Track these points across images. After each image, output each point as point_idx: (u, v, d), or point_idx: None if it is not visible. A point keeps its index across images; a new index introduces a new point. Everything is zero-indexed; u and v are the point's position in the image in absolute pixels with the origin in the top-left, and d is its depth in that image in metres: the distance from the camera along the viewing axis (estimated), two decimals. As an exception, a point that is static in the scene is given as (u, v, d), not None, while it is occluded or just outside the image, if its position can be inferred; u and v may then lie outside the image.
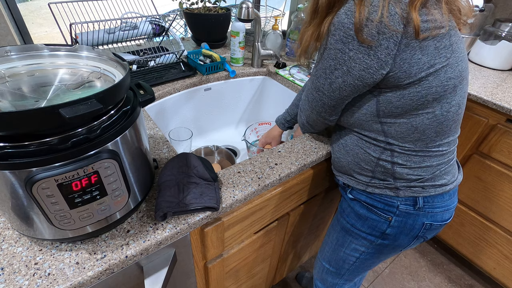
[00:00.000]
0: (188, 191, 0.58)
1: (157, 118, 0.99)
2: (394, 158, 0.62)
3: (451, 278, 1.45)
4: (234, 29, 1.10)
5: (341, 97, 0.60)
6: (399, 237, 0.69)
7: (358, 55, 0.51)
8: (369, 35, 0.48)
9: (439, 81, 0.53)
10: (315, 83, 0.62)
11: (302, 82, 1.11)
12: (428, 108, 0.56)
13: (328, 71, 0.57)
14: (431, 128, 0.58)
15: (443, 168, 0.63)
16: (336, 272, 0.87)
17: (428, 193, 0.63)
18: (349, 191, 0.73)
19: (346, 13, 0.50)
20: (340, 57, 0.54)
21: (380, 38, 0.48)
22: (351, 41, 0.51)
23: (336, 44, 0.53)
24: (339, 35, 0.51)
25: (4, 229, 0.53)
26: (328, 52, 0.55)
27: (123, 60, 0.51)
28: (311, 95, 0.65)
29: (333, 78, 0.57)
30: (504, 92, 1.13)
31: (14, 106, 0.41)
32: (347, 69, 0.54)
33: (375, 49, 0.50)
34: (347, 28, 0.50)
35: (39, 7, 5.72)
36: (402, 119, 0.57)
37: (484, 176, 1.20)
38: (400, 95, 0.55)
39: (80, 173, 0.40)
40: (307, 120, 0.74)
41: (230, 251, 0.78)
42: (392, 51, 0.50)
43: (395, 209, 0.65)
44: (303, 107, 0.73)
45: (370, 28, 0.48)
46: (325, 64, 0.57)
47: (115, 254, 0.49)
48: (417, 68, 0.51)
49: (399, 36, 0.48)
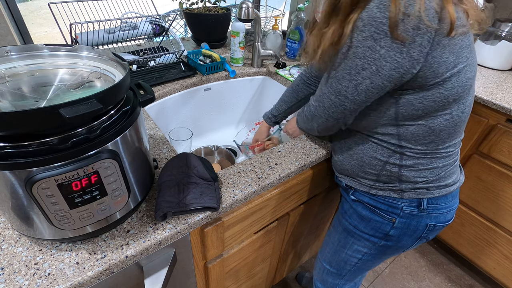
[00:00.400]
0: (188, 191, 0.58)
1: (157, 118, 0.99)
2: (403, 161, 0.60)
3: (451, 278, 1.45)
4: (234, 29, 1.10)
5: (366, 100, 0.54)
6: (403, 238, 0.69)
7: (390, 53, 0.47)
8: (404, 30, 0.45)
9: (460, 81, 0.52)
10: (334, 87, 0.56)
11: (302, 82, 1.11)
12: (446, 109, 0.54)
13: (354, 72, 0.52)
14: (446, 130, 0.57)
15: (448, 170, 0.63)
16: (337, 273, 0.86)
17: (432, 194, 0.63)
18: (352, 193, 0.72)
19: (378, 7, 0.45)
20: (369, 56, 0.49)
21: (415, 34, 0.45)
22: (383, 38, 0.46)
23: (365, 41, 0.48)
24: (370, 31, 0.47)
25: (4, 229, 0.53)
26: (355, 50, 0.50)
27: (123, 60, 0.51)
28: (328, 100, 0.58)
29: (360, 80, 0.52)
30: (504, 92, 1.13)
31: (14, 106, 0.41)
32: (376, 68, 0.49)
33: (408, 46, 0.46)
34: (379, 23, 0.46)
35: (39, 7, 5.72)
36: (421, 121, 0.55)
37: (484, 176, 1.20)
38: (423, 96, 0.52)
39: (80, 173, 0.40)
40: (319, 128, 0.66)
41: (230, 251, 0.78)
42: (425, 48, 0.46)
43: (399, 211, 0.65)
44: (314, 114, 0.64)
45: (406, 23, 0.44)
46: (350, 64, 0.51)
47: (115, 254, 0.49)
48: (444, 67, 0.49)
49: (433, 32, 0.45)
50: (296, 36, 1.23)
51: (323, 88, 0.59)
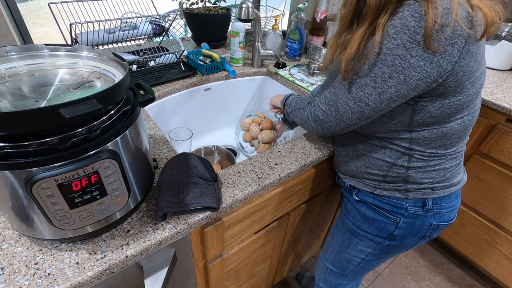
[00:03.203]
0: (188, 191, 0.58)
1: (157, 118, 0.99)
2: (411, 163, 0.60)
3: (451, 278, 1.45)
4: (234, 29, 1.10)
5: (386, 108, 0.53)
6: (407, 238, 0.69)
7: (420, 63, 0.46)
8: (437, 40, 0.44)
9: (475, 88, 0.51)
10: (354, 93, 0.53)
11: (302, 82, 1.11)
12: (459, 114, 0.54)
13: (380, 79, 0.49)
14: (457, 134, 0.57)
15: (454, 170, 0.63)
16: (340, 273, 0.86)
17: (437, 194, 0.63)
18: (355, 193, 0.72)
19: (413, 16, 0.44)
20: (398, 64, 0.47)
21: (446, 44, 0.44)
22: (415, 47, 0.45)
23: (396, 49, 0.46)
24: (402, 39, 0.45)
25: (4, 229, 0.53)
26: (384, 57, 0.48)
27: (123, 60, 0.51)
28: (344, 106, 0.55)
29: (385, 88, 0.50)
30: (504, 92, 1.13)
31: (14, 106, 0.41)
32: (404, 78, 0.48)
33: (438, 56, 0.45)
34: (413, 32, 0.44)
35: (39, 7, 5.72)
36: (434, 126, 0.55)
37: (484, 176, 1.20)
38: (440, 104, 0.51)
39: (80, 173, 0.40)
40: (322, 132, 0.64)
41: (230, 251, 0.78)
42: (454, 58, 0.46)
43: (404, 211, 0.65)
44: (321, 118, 0.61)
45: (440, 33, 0.43)
46: (376, 71, 0.49)
47: (115, 254, 0.49)
48: (467, 76, 0.48)
49: (463, 41, 0.45)
50: (296, 36, 1.23)
51: (337, 92, 0.56)
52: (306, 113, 0.65)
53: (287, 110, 0.77)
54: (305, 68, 1.22)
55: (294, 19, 1.23)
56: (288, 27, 1.36)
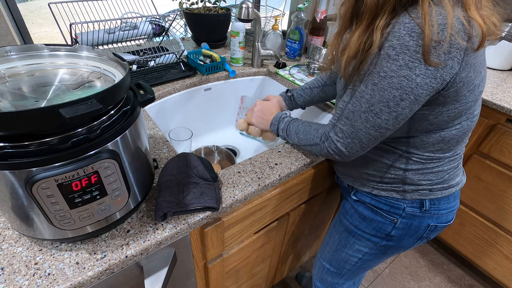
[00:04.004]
0: (188, 191, 0.58)
1: (157, 118, 0.99)
2: (409, 166, 0.61)
3: (451, 278, 1.45)
4: (234, 29, 1.10)
5: (401, 124, 0.53)
6: (404, 238, 0.69)
7: (425, 80, 0.46)
8: (437, 56, 0.44)
9: (474, 96, 0.52)
10: (372, 122, 0.52)
11: (302, 82, 1.11)
12: (458, 120, 0.54)
13: (393, 104, 0.49)
14: (455, 138, 0.57)
15: (452, 172, 0.63)
16: (337, 272, 0.87)
17: (435, 195, 0.63)
18: (353, 193, 0.72)
19: (410, 35, 0.44)
20: (406, 85, 0.47)
21: (446, 58, 0.45)
22: (417, 66, 0.45)
23: (400, 70, 0.46)
24: (404, 59, 0.45)
25: (4, 229, 0.53)
26: (390, 81, 0.48)
27: (123, 60, 0.51)
28: (366, 136, 0.54)
29: (400, 110, 0.50)
30: (504, 92, 1.13)
31: (14, 106, 0.41)
32: (414, 97, 0.48)
33: (441, 71, 0.46)
34: (413, 51, 0.45)
35: (39, 7, 5.72)
36: (433, 132, 0.56)
37: (484, 176, 1.20)
38: (438, 112, 0.52)
39: (80, 173, 0.40)
40: (350, 159, 0.60)
41: (230, 251, 0.78)
42: (455, 70, 0.46)
43: (401, 211, 0.65)
44: (342, 151, 0.58)
45: (438, 49, 0.44)
46: (387, 96, 0.49)
47: (115, 254, 0.49)
48: (465, 86, 0.49)
49: (462, 53, 0.45)
50: (296, 36, 1.23)
51: (355, 124, 0.54)
52: (325, 150, 0.62)
53: (288, 141, 0.74)
54: (305, 68, 1.22)
55: (294, 19, 1.23)
56: (288, 27, 1.36)
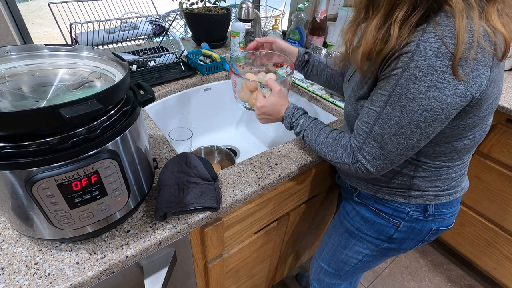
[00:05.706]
0: (188, 191, 0.58)
1: (157, 118, 0.99)
2: (417, 173, 0.60)
3: (451, 278, 1.45)
4: (234, 29, 1.10)
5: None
6: (406, 241, 0.69)
7: (456, 100, 0.45)
8: (465, 74, 0.43)
9: (491, 108, 0.51)
10: (404, 144, 0.51)
11: (302, 82, 1.11)
12: (472, 131, 0.54)
13: (424, 125, 0.48)
14: (467, 148, 0.56)
15: (459, 179, 0.63)
16: (335, 273, 0.86)
17: (439, 200, 0.63)
18: (356, 195, 0.72)
19: (436, 55, 0.43)
20: (437, 107, 0.45)
21: (475, 76, 0.43)
22: (447, 86, 0.44)
23: (429, 92, 0.45)
24: (432, 80, 0.44)
25: (4, 229, 0.53)
26: (419, 103, 0.46)
27: (123, 60, 0.51)
28: (399, 156, 0.53)
29: (431, 130, 0.49)
30: (504, 92, 1.13)
31: (14, 106, 0.41)
32: (445, 117, 0.47)
33: (470, 89, 0.44)
34: (441, 71, 0.43)
35: (39, 7, 5.73)
36: (445, 142, 0.55)
37: (484, 176, 1.20)
38: (455, 125, 0.51)
39: (80, 173, 0.40)
40: (378, 175, 0.59)
41: (230, 251, 0.78)
42: (483, 87, 0.45)
43: (405, 215, 0.65)
44: (372, 171, 0.56)
45: (465, 68, 0.43)
46: (417, 118, 0.47)
47: (115, 254, 0.49)
48: (486, 100, 0.48)
49: (489, 70, 0.44)
50: (296, 36, 1.23)
51: (385, 146, 0.52)
52: (352, 170, 0.59)
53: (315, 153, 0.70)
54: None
55: (294, 19, 1.23)
56: (288, 27, 1.36)
